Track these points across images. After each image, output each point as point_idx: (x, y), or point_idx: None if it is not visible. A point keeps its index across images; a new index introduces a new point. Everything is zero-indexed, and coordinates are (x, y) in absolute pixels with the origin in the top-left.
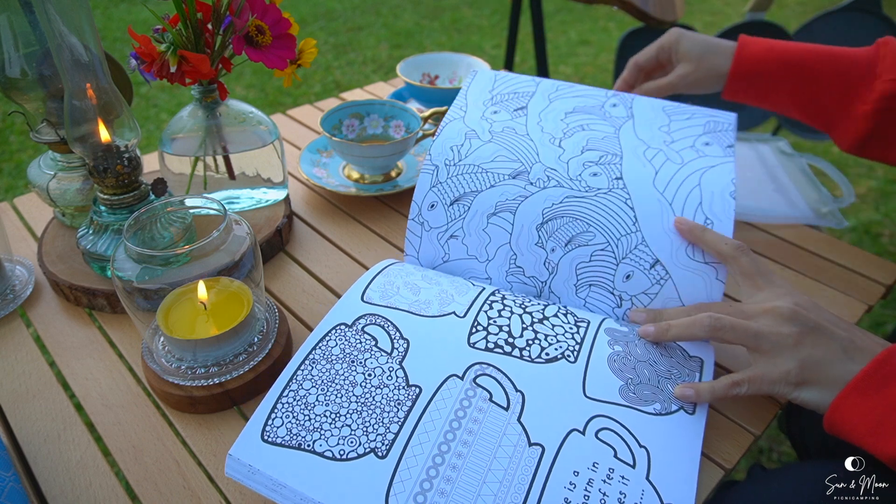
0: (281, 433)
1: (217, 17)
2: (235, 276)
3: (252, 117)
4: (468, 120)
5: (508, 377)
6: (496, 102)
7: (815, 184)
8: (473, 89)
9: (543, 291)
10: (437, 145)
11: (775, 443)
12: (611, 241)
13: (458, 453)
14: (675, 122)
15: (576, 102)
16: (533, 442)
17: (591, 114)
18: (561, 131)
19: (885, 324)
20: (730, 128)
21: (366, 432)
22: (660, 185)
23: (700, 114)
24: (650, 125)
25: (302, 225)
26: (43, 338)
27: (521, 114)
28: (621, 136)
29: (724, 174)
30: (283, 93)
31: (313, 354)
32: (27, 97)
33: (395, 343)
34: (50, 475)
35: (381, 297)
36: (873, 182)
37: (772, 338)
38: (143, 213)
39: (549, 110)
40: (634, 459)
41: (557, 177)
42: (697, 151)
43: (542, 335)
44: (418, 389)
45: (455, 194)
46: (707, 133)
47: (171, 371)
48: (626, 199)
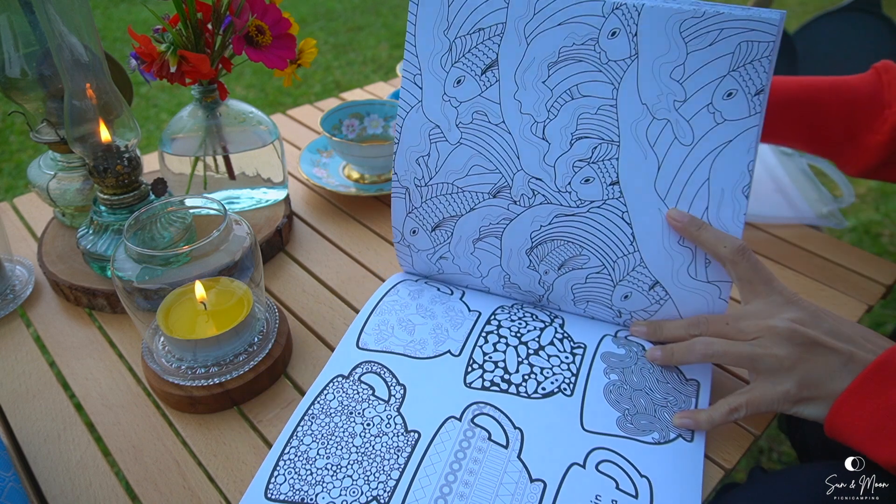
0: (284, 489)
1: (217, 17)
2: (235, 276)
3: (252, 117)
4: (428, 107)
5: (506, 415)
6: (456, 58)
7: (815, 184)
8: (422, 30)
9: (542, 301)
10: (399, 159)
11: (775, 443)
12: (607, 265)
13: (461, 494)
14: (693, 53)
15: (562, 36)
16: (534, 478)
17: (581, 60)
18: (545, 107)
19: (885, 324)
20: (767, 51)
21: (367, 481)
22: (661, 187)
23: (731, 28)
24: (659, 69)
25: (302, 225)
26: (43, 338)
27: (491, 78)
28: (620, 101)
29: (740, 155)
30: (283, 93)
31: (312, 409)
32: (27, 97)
33: (392, 390)
34: (50, 475)
35: (376, 342)
36: (873, 182)
37: (768, 360)
38: (143, 213)
39: (526, 63)
40: (636, 490)
41: (544, 189)
42: (714, 114)
43: (537, 369)
44: (417, 434)
45: (434, 220)
46: (734, 70)
47: (171, 371)
48: (622, 213)
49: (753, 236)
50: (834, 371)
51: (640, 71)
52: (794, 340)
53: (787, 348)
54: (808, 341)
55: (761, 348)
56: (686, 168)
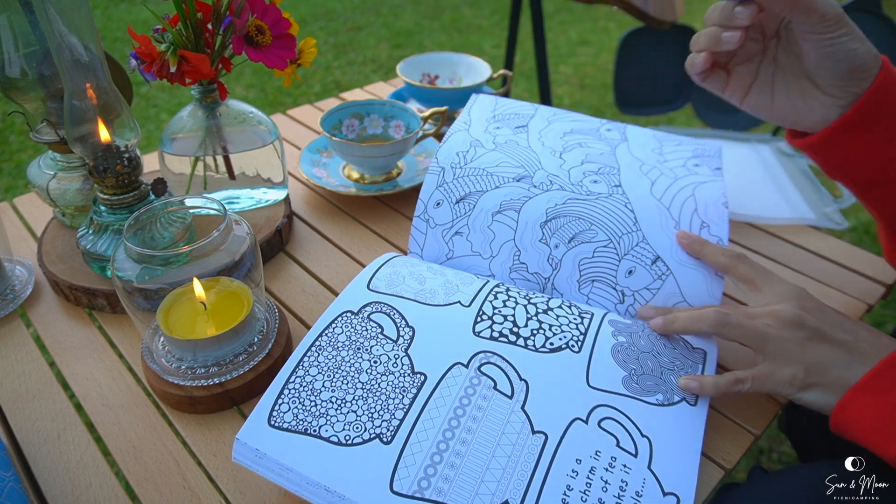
0: (287, 418)
1: (217, 17)
2: (235, 276)
3: (252, 117)
4: (472, 132)
5: (513, 366)
6: (498, 120)
7: (815, 184)
8: (476, 109)
9: (546, 288)
10: (443, 150)
11: (775, 443)
12: (612, 239)
13: (463, 440)
14: (665, 145)
15: (573, 125)
16: (536, 430)
17: (587, 134)
18: (560, 146)
19: (885, 324)
20: (717, 154)
21: (371, 418)
22: (657, 193)
23: (688, 142)
24: (643, 147)
25: (302, 225)
26: (43, 338)
27: (522, 131)
28: (617, 153)
29: (715, 189)
30: (283, 93)
31: (319, 341)
32: (27, 97)
33: (401, 331)
34: (50, 475)
35: (387, 286)
36: None
37: (777, 341)
38: (143, 213)
39: (548, 129)
40: (636, 449)
41: (560, 182)
42: (688, 170)
43: (546, 325)
44: (423, 377)
45: (461, 193)
46: (696, 157)
47: (171, 371)
48: (625, 203)
49: (753, 236)
50: (840, 358)
51: (629, 146)
52: (801, 325)
53: (795, 332)
54: (813, 329)
55: (771, 329)
56: (672, 189)
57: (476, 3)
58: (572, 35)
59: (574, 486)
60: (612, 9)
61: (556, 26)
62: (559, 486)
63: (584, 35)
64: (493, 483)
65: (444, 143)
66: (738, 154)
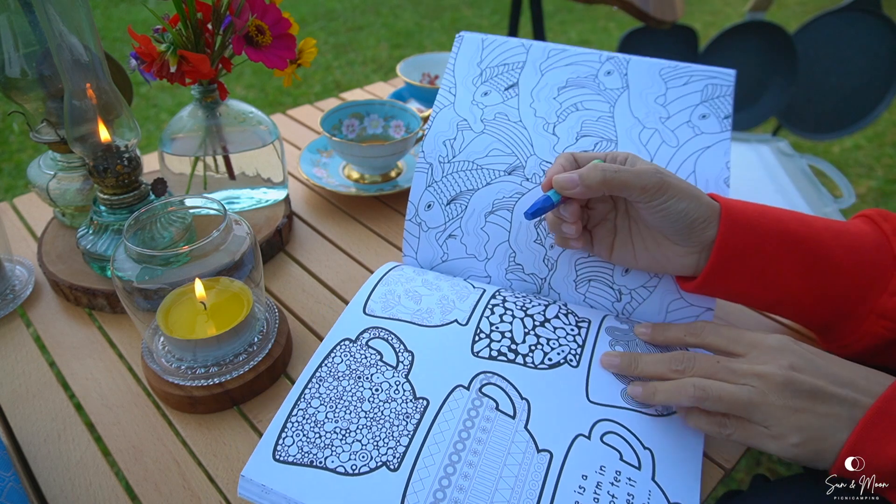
0: (292, 452)
1: (217, 17)
2: (235, 276)
3: (252, 117)
4: (458, 107)
5: (513, 385)
6: (486, 80)
7: (815, 184)
8: (461, 61)
9: (543, 288)
10: (429, 140)
11: None
12: None
13: (469, 462)
14: (671, 89)
15: (569, 72)
16: (541, 448)
17: (584, 87)
18: (554, 114)
19: None
20: (728, 91)
21: (376, 446)
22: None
23: (698, 74)
24: (646, 97)
25: (302, 225)
26: (43, 338)
27: (512, 93)
28: (616, 114)
29: (719, 156)
30: (283, 93)
31: (319, 372)
32: (27, 97)
33: (400, 356)
34: (50, 475)
35: (383, 309)
36: (873, 182)
37: (764, 409)
38: (143, 213)
39: (541, 86)
40: (640, 461)
41: None
42: (694, 128)
43: (544, 339)
44: (426, 402)
45: (451, 193)
46: (705, 101)
47: (171, 371)
48: None
49: None
50: (839, 421)
51: (630, 97)
52: (792, 389)
53: (786, 399)
54: (807, 390)
55: (758, 396)
56: (674, 163)
57: (476, 3)
58: (572, 35)
59: (582, 503)
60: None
61: (556, 26)
62: (568, 503)
63: (584, 35)
64: (503, 503)
65: (430, 127)
66: (738, 154)
